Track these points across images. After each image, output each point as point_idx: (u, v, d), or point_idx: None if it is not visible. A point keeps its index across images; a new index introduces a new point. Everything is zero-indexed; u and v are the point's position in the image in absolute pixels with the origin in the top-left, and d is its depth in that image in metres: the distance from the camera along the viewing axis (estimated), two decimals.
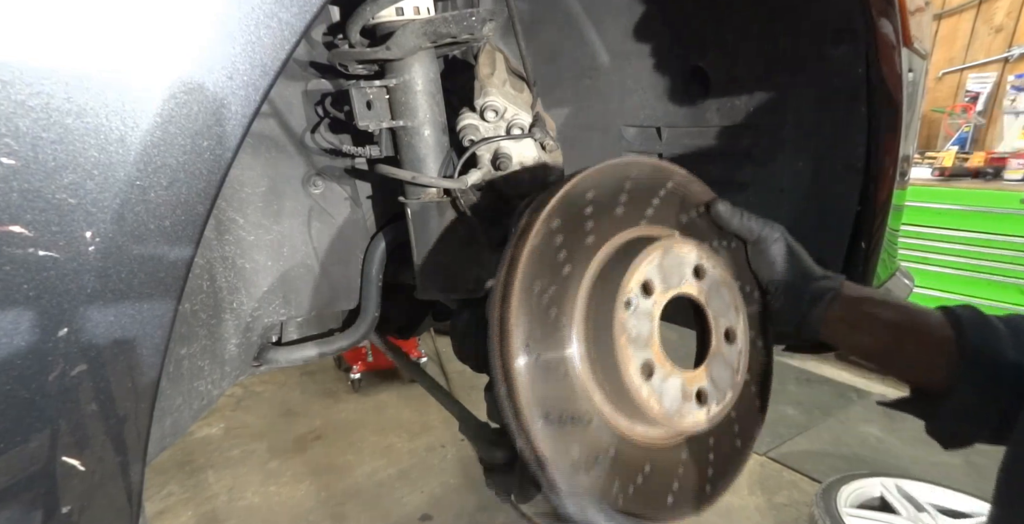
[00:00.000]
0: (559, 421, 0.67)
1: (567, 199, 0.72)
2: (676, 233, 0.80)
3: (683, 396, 0.72)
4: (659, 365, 0.71)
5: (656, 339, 0.72)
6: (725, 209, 0.88)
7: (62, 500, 0.53)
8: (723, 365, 0.77)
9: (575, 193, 0.73)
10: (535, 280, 0.68)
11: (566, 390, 0.69)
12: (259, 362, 1.07)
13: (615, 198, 0.77)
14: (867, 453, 3.21)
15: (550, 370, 0.68)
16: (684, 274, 0.75)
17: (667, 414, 0.70)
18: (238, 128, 0.53)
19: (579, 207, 0.73)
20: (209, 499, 3.07)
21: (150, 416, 0.57)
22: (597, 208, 0.75)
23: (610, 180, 0.77)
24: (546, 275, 0.69)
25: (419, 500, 3.01)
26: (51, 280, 0.47)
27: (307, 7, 0.54)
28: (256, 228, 1.01)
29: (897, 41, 0.97)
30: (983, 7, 4.35)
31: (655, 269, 0.72)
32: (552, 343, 0.69)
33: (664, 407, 0.70)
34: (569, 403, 0.69)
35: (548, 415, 0.66)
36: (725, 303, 0.79)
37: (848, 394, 3.99)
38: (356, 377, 4.10)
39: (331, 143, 1.05)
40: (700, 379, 0.75)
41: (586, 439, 0.69)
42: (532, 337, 0.67)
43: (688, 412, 0.73)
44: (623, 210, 0.78)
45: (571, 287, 0.71)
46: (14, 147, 0.44)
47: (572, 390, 0.69)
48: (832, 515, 2.50)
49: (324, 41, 0.99)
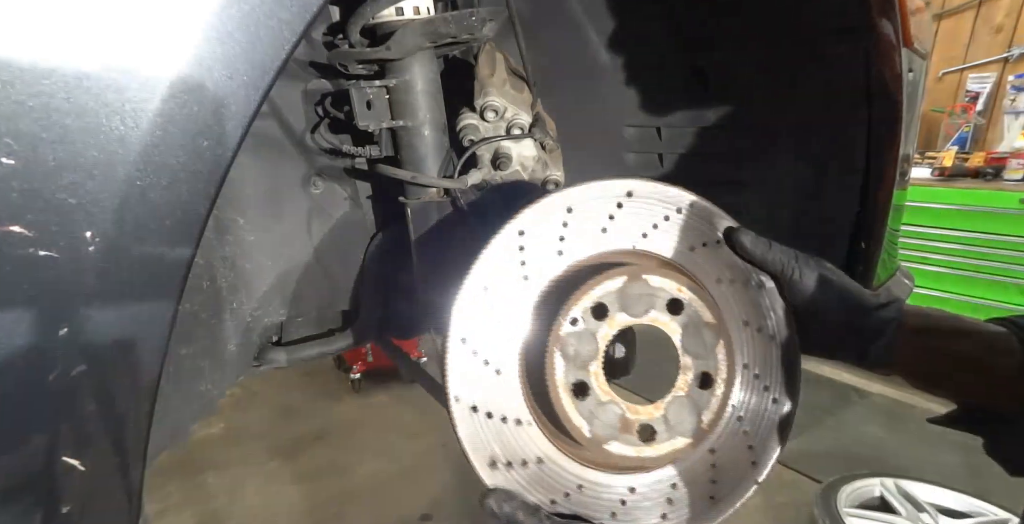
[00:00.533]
0: (486, 415, 0.71)
1: (545, 209, 0.74)
2: (658, 263, 0.77)
3: (621, 426, 0.72)
4: (596, 388, 0.71)
5: (599, 363, 0.72)
6: (749, 240, 0.78)
7: (62, 500, 0.53)
8: (687, 409, 0.75)
9: (554, 205, 0.74)
10: (488, 283, 0.72)
11: (497, 389, 0.72)
12: (259, 362, 1.07)
13: (601, 217, 0.76)
14: (867, 453, 3.21)
15: (486, 366, 0.72)
16: (653, 305, 0.74)
17: (594, 439, 0.71)
18: (238, 128, 0.53)
19: (556, 220, 0.74)
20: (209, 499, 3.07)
21: (150, 416, 0.57)
22: (577, 224, 0.75)
23: (602, 197, 0.76)
24: (502, 281, 0.72)
25: (419, 500, 3.01)
26: (51, 280, 0.47)
27: (307, 7, 0.54)
28: (256, 228, 1.01)
29: (897, 41, 0.97)
30: (983, 7, 4.36)
31: (614, 294, 0.72)
32: (491, 343, 0.72)
33: (592, 431, 0.71)
34: (498, 401, 0.72)
35: (475, 407, 0.71)
36: (705, 346, 0.75)
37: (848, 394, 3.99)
38: (356, 377, 4.10)
39: (331, 143, 1.05)
40: (649, 415, 0.73)
41: (511, 440, 0.72)
42: (472, 333, 0.71)
43: (623, 444, 0.72)
44: (610, 231, 0.77)
45: (525, 296, 0.74)
46: (14, 147, 0.44)
47: (504, 391, 0.72)
48: (832, 515, 2.50)
49: (324, 41, 0.99)
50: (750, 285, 0.80)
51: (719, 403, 0.76)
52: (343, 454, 3.44)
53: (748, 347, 0.80)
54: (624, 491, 0.76)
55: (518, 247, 0.73)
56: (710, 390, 0.75)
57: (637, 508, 0.76)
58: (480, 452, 0.71)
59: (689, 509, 0.77)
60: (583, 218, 0.75)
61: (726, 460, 0.79)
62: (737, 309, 0.80)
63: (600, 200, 0.76)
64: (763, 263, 0.78)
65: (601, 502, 0.75)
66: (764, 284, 0.80)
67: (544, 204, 0.74)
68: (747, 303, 0.80)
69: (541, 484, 0.74)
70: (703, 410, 0.75)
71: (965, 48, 4.48)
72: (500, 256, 0.73)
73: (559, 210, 0.74)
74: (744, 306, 0.80)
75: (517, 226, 0.73)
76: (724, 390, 0.76)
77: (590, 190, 0.75)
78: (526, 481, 0.73)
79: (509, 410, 0.73)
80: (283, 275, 1.06)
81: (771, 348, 0.81)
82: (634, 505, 0.76)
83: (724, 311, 0.78)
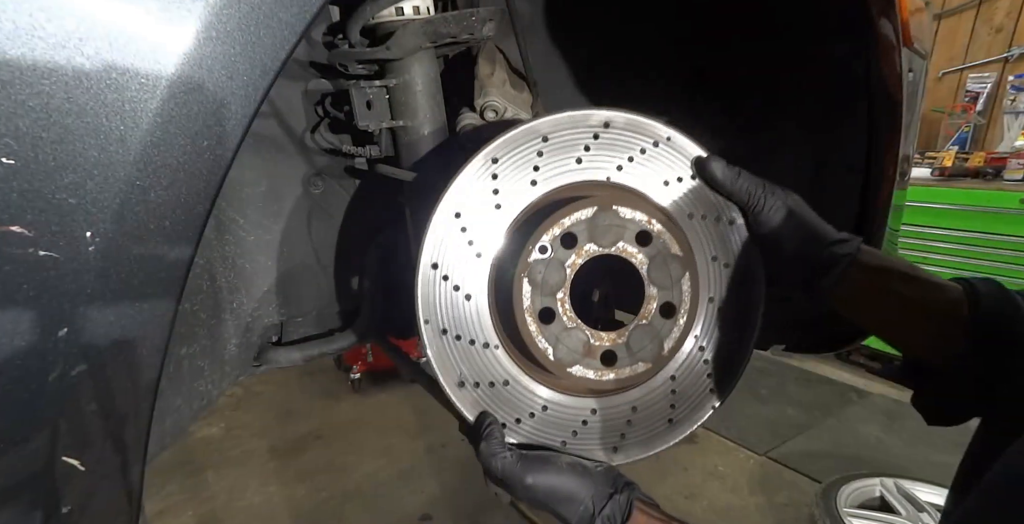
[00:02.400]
0: (455, 338, 0.75)
1: (519, 138, 0.75)
2: (631, 195, 0.78)
3: (584, 351, 0.75)
4: (562, 315, 0.74)
5: (566, 290, 0.74)
6: (719, 168, 0.77)
7: (62, 500, 0.53)
8: (648, 337, 0.77)
9: (526, 134, 0.75)
10: (461, 210, 0.74)
11: (467, 314, 0.75)
12: (259, 362, 1.07)
13: (575, 147, 0.77)
14: (867, 453, 3.21)
15: (456, 292, 0.75)
16: (621, 236, 0.75)
17: (558, 363, 0.74)
18: (238, 128, 0.53)
19: (529, 149, 0.75)
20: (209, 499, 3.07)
21: (150, 416, 0.57)
22: (551, 154, 0.76)
23: (575, 127, 0.77)
24: (474, 208, 0.74)
25: (419, 500, 3.01)
26: (51, 280, 0.47)
27: (307, 7, 0.54)
28: (256, 228, 1.01)
29: (897, 41, 0.97)
30: (983, 7, 4.35)
31: (583, 225, 0.73)
32: (461, 269, 0.75)
33: (557, 355, 0.74)
34: (467, 325, 0.75)
35: (445, 330, 0.74)
36: (670, 278, 0.77)
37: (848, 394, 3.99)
38: (356, 377, 4.10)
39: (331, 143, 1.05)
40: (612, 341, 0.76)
41: (479, 363, 0.76)
42: (443, 258, 0.74)
43: (584, 368, 0.75)
44: (586, 162, 0.77)
45: (496, 224, 0.76)
46: (14, 147, 0.44)
47: (473, 315, 0.75)
48: (832, 515, 2.50)
49: (324, 41, 0.99)
50: (721, 221, 0.82)
51: (681, 332, 0.78)
52: (343, 454, 3.44)
53: (715, 281, 0.82)
54: (586, 413, 0.80)
55: (491, 175, 0.75)
56: (672, 320, 0.78)
57: (598, 428, 0.80)
58: (449, 373, 0.75)
59: (647, 430, 0.82)
60: (559, 148, 0.77)
61: (686, 386, 0.83)
62: (707, 244, 0.82)
63: (577, 130, 0.77)
64: (731, 192, 0.79)
65: (564, 422, 0.79)
66: (735, 221, 0.82)
67: (519, 132, 0.75)
68: (717, 239, 0.82)
69: (507, 404, 0.77)
70: (665, 338, 0.77)
71: (965, 48, 4.48)
72: (473, 183, 0.74)
73: (534, 139, 0.75)
74: (714, 242, 0.82)
75: (491, 153, 0.74)
76: (686, 320, 0.78)
77: (566, 120, 0.76)
78: (492, 401, 0.77)
79: (478, 334, 0.76)
80: (283, 275, 1.06)
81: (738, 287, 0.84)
82: (595, 425, 0.80)
83: (693, 245, 0.80)
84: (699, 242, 0.81)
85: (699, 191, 0.81)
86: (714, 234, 0.82)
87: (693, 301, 0.78)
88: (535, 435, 0.78)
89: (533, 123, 0.75)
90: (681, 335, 0.78)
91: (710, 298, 0.82)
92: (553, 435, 0.79)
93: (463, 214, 0.74)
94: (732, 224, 0.82)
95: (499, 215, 0.76)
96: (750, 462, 3.23)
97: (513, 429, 0.78)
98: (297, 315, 1.11)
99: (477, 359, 0.76)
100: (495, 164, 0.74)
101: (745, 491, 3.00)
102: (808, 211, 0.80)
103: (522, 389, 0.78)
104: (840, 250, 0.78)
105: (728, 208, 0.82)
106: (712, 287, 0.82)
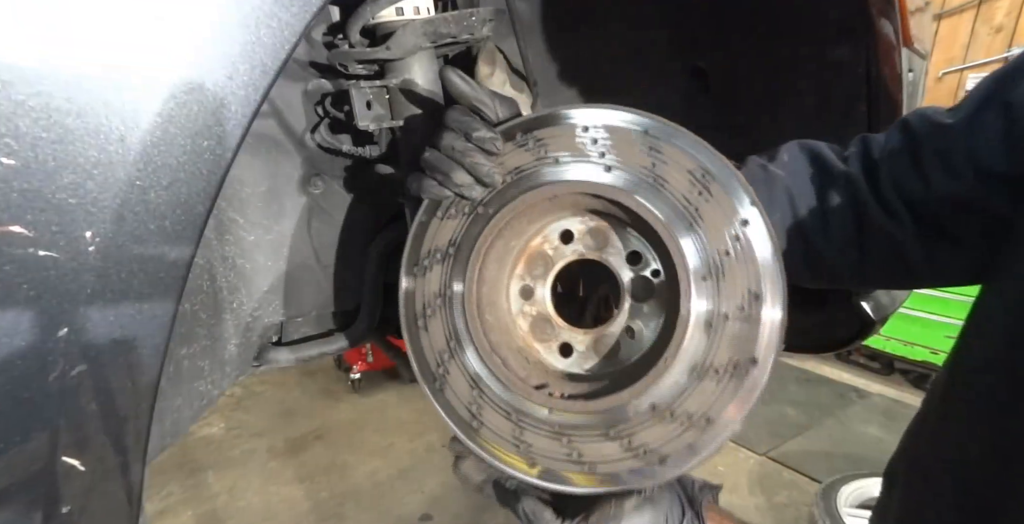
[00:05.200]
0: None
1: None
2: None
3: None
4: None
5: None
6: (455, 76, 0.73)
7: (62, 500, 0.53)
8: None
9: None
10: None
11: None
12: (259, 362, 1.07)
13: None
14: (867, 453, 3.21)
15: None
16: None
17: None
18: (238, 128, 0.53)
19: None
20: (209, 499, 3.07)
21: (150, 416, 0.57)
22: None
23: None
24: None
25: (419, 500, 3.02)
26: (51, 280, 0.47)
27: (307, 7, 0.54)
28: (256, 228, 1.01)
29: (897, 41, 0.97)
30: (983, 7, 4.35)
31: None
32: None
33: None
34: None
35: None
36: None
37: (848, 394, 3.99)
38: (356, 377, 4.10)
39: (331, 143, 1.05)
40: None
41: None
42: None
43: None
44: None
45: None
46: (14, 147, 0.44)
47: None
48: (832, 515, 2.50)
49: (324, 41, 0.99)
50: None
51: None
52: (343, 454, 3.45)
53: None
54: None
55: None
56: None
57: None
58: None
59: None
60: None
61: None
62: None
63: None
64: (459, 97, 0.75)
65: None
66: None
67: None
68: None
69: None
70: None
71: (965, 48, 4.48)
72: None
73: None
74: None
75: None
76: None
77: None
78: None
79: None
80: (283, 275, 1.06)
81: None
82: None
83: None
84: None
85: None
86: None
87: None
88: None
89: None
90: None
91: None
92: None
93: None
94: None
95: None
96: (750, 462, 3.23)
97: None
98: (297, 315, 1.11)
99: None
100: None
101: (745, 491, 3.01)
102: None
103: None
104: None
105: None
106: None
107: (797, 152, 0.81)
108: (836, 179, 0.77)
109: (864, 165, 0.76)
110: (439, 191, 0.73)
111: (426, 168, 0.74)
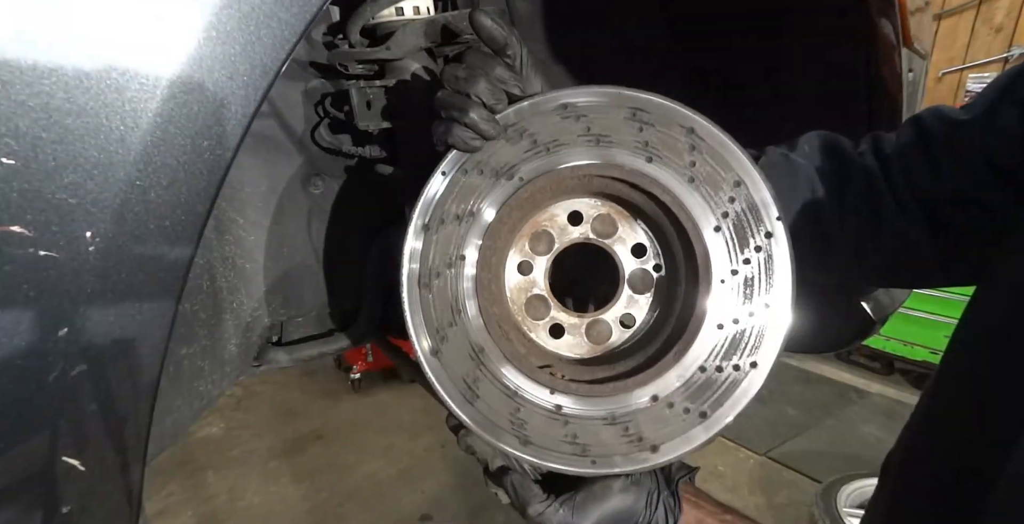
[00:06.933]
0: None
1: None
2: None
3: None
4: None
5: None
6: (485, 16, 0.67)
7: (62, 500, 0.53)
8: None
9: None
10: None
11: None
12: (259, 362, 1.07)
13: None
14: (867, 453, 3.21)
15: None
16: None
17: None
18: (238, 128, 0.53)
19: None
20: (209, 499, 3.07)
21: (150, 416, 0.57)
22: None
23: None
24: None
25: (419, 500, 3.02)
26: (51, 280, 0.47)
27: (307, 7, 0.54)
28: (256, 228, 1.01)
29: (897, 41, 0.97)
30: (983, 7, 4.35)
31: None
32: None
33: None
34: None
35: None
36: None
37: (848, 394, 3.99)
38: (356, 377, 4.10)
39: (331, 143, 1.05)
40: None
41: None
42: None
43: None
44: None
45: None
46: (14, 147, 0.44)
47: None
48: (832, 515, 2.50)
49: (324, 41, 0.99)
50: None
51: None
52: (343, 454, 3.45)
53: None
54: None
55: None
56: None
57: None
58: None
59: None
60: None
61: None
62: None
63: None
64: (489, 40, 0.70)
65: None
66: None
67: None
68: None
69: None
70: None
71: (965, 48, 4.48)
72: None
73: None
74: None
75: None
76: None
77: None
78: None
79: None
80: (283, 275, 1.06)
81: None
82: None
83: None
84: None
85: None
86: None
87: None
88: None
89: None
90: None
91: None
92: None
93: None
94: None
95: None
96: (750, 462, 3.23)
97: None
98: (297, 315, 1.11)
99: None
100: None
101: (745, 491, 3.01)
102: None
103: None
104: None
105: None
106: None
107: (817, 143, 0.83)
108: (855, 172, 0.79)
109: (878, 160, 0.78)
110: (463, 133, 0.69)
111: (441, 107, 0.71)
